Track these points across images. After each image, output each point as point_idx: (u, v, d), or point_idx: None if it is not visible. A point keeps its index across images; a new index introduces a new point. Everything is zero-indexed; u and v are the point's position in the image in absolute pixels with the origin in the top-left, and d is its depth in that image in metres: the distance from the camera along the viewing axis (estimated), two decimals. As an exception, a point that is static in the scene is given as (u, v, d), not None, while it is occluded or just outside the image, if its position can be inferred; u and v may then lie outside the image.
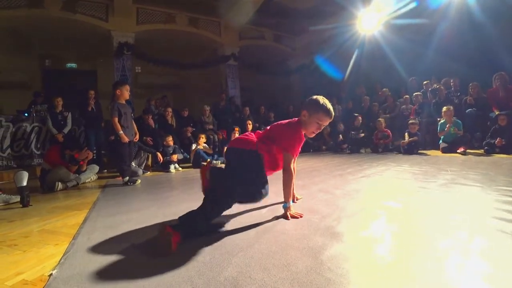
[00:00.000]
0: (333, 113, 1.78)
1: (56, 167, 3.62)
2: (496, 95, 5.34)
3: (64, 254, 1.36)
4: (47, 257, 1.36)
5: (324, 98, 1.78)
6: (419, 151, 5.31)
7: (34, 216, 2.23)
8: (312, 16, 8.36)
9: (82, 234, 1.64)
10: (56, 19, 6.58)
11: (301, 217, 1.65)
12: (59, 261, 1.28)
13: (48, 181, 3.53)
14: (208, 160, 5.16)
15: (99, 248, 1.39)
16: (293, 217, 1.65)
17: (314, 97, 1.79)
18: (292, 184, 1.79)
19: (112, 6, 6.92)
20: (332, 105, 1.80)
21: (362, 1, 6.90)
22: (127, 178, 3.59)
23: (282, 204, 1.70)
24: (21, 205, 2.64)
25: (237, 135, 5.55)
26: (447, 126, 5.16)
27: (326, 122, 1.80)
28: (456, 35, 6.69)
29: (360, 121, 6.86)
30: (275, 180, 1.86)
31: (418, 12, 6.57)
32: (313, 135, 1.85)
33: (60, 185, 3.50)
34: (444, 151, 5.00)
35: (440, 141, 5.27)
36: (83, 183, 3.95)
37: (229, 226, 1.60)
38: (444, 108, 5.28)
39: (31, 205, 2.65)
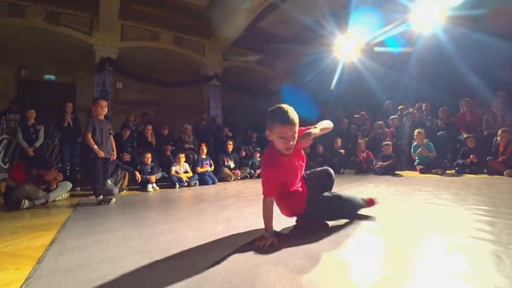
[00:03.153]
0: (290, 118, 1.44)
1: (23, 183, 3.40)
2: (463, 119, 5.72)
3: (25, 280, 1.25)
4: (5, 283, 1.25)
5: (279, 105, 1.51)
6: (396, 172, 5.49)
7: (-6, 237, 2.06)
8: (293, 42, 8.70)
9: (48, 257, 1.53)
10: (38, 29, 6.43)
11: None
12: (20, 288, 1.17)
13: (13, 198, 3.30)
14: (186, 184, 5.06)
15: (66, 273, 1.29)
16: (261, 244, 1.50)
17: (270, 109, 1.53)
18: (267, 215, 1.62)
19: (97, 20, 6.87)
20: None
21: (340, 29, 7.30)
22: (101, 197, 3.44)
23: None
24: (-19, 225, 2.44)
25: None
26: (420, 148, 5.41)
27: (289, 132, 1.47)
28: (428, 64, 7.20)
29: (340, 143, 7.06)
30: (252, 202, 1.83)
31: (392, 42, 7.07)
32: (289, 151, 1.56)
33: (26, 203, 3.28)
34: (422, 171, 5.21)
35: (416, 163, 5.50)
36: (53, 201, 3.73)
37: (206, 250, 1.55)
38: (416, 132, 5.57)
39: (-8, 225, 2.46)
